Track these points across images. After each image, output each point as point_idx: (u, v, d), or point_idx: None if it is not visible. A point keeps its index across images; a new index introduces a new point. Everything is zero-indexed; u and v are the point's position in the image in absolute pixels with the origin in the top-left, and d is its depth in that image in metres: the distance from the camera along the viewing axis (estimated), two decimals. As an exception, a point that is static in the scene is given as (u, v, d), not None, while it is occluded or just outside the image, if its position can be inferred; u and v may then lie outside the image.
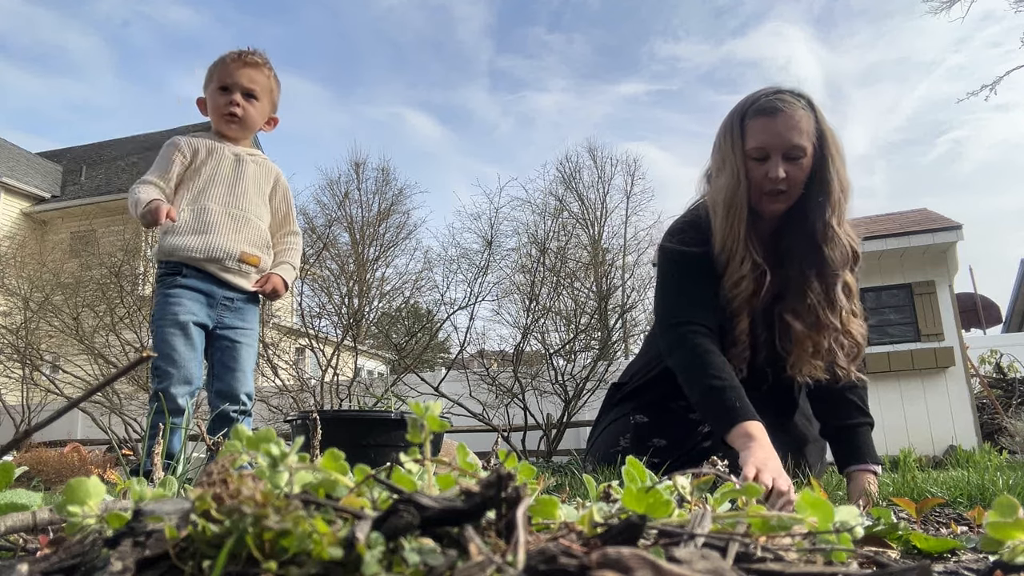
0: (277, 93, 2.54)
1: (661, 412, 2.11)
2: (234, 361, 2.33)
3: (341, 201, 17.30)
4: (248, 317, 2.40)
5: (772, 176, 1.86)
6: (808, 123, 1.88)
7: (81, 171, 19.02)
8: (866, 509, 1.22)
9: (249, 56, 2.43)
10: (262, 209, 2.46)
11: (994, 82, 13.89)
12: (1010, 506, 0.64)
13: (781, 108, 1.87)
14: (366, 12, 38.50)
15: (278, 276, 2.43)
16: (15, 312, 7.71)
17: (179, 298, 2.25)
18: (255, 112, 2.45)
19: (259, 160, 2.51)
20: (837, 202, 1.89)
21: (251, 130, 2.48)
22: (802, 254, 1.93)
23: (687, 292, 1.97)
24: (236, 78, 2.39)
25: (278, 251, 2.53)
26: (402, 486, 0.58)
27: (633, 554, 0.43)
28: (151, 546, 0.48)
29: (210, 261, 2.29)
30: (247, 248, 2.36)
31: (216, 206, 2.34)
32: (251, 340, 2.41)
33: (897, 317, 7.46)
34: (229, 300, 2.35)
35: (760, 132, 1.88)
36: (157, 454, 1.16)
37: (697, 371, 1.81)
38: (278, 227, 2.56)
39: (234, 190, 2.39)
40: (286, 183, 2.60)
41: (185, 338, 2.22)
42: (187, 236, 2.28)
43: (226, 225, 2.33)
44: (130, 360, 6.45)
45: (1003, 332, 13.44)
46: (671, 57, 36.01)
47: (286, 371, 6.84)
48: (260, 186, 2.47)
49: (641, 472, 0.79)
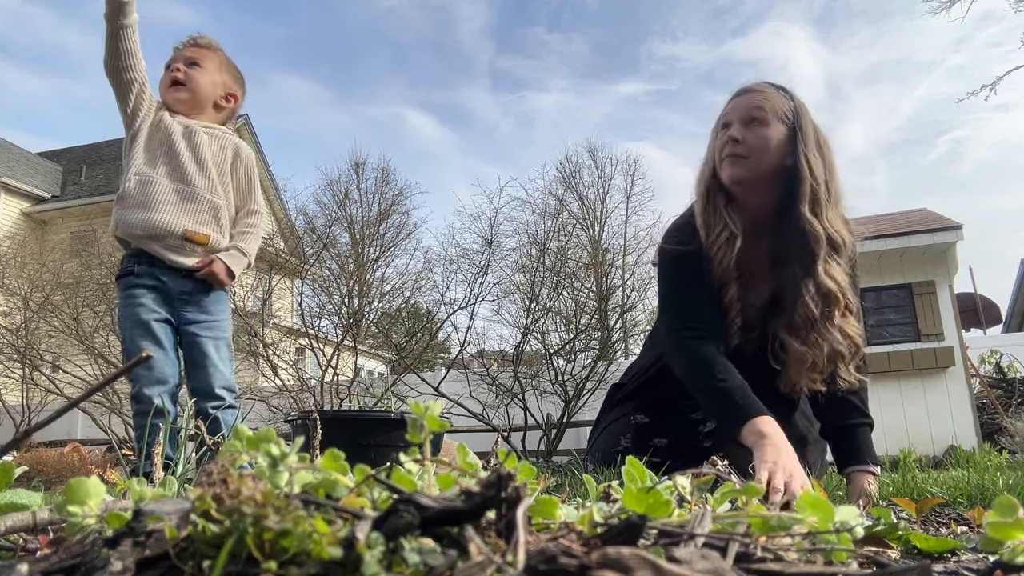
0: (231, 71, 2.46)
1: (662, 412, 2.11)
2: (202, 357, 2.24)
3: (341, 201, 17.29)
4: (211, 307, 2.29)
5: (727, 137, 1.91)
6: (777, 101, 1.93)
7: (81, 171, 19.03)
8: (866, 509, 1.22)
9: (193, 39, 2.42)
10: (217, 185, 2.32)
11: (994, 82, 13.88)
12: (1010, 506, 0.64)
13: (750, 88, 1.97)
14: (366, 12, 38.50)
15: (220, 262, 2.26)
16: (15, 312, 7.70)
17: (136, 298, 2.20)
18: (201, 78, 2.36)
19: (215, 132, 2.38)
20: (810, 190, 1.87)
21: (200, 98, 2.37)
22: (787, 246, 1.92)
23: (685, 292, 1.97)
24: (177, 55, 2.39)
25: (235, 233, 2.38)
26: (402, 486, 0.58)
27: (633, 554, 0.43)
28: (151, 546, 0.48)
29: (151, 239, 2.20)
30: (191, 226, 2.23)
31: (162, 179, 2.23)
32: (217, 331, 2.29)
33: (897, 317, 7.46)
34: (187, 294, 2.25)
35: (728, 109, 1.98)
36: (157, 454, 1.16)
37: (701, 375, 1.81)
38: (240, 204, 2.42)
39: (183, 164, 2.27)
40: (249, 157, 2.45)
41: (150, 338, 2.17)
42: (130, 210, 2.21)
43: (170, 201, 2.22)
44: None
45: (1003, 332, 13.44)
46: (670, 57, 36.02)
47: (286, 371, 6.84)
48: (216, 159, 2.34)
49: (641, 472, 0.79)
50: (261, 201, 2.51)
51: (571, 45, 36.81)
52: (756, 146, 1.90)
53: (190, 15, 37.12)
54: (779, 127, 1.91)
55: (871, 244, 7.34)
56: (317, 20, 38.95)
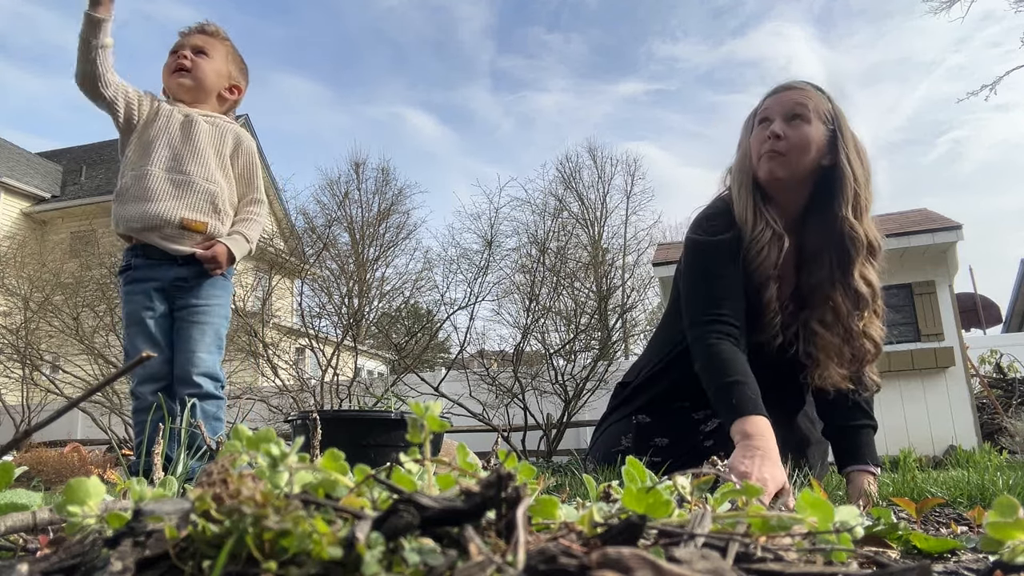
0: (237, 62, 2.44)
1: (664, 412, 2.11)
2: (185, 342, 2.20)
3: (341, 201, 17.29)
4: (204, 292, 2.25)
5: (769, 133, 1.89)
6: (818, 101, 1.91)
7: (81, 171, 19.02)
8: (866, 509, 1.22)
9: (201, 25, 2.38)
10: (215, 172, 2.30)
11: (994, 82, 13.88)
12: (1010, 506, 0.64)
13: (791, 86, 1.96)
14: (366, 12, 38.50)
15: (222, 245, 2.24)
16: (15, 312, 7.70)
17: (132, 294, 2.21)
18: (208, 66, 2.33)
19: (215, 120, 2.35)
20: (853, 194, 1.87)
21: (205, 87, 2.35)
22: (821, 246, 1.91)
23: (712, 282, 1.93)
24: (184, 40, 2.35)
25: (236, 220, 2.36)
26: (402, 486, 0.58)
27: (633, 554, 0.43)
28: (151, 546, 0.48)
29: (150, 230, 2.19)
30: (188, 214, 2.21)
31: (158, 170, 2.21)
32: (205, 317, 2.24)
33: (897, 317, 7.46)
34: (183, 280, 2.22)
35: (767, 104, 1.96)
36: (157, 454, 1.16)
37: (712, 371, 1.79)
38: (242, 193, 2.40)
39: (179, 153, 2.24)
40: (251, 145, 2.42)
41: (145, 334, 2.17)
42: (127, 204, 2.20)
43: (166, 191, 2.20)
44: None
45: (1003, 332, 13.43)
46: (670, 57, 36.04)
47: (286, 371, 6.84)
48: (216, 147, 2.32)
49: (641, 472, 0.79)
50: (263, 190, 2.48)
51: (570, 45, 36.82)
52: (798, 143, 1.88)
53: (190, 15, 37.09)
54: (820, 127, 1.89)
55: (871, 244, 7.34)
56: (317, 20, 38.96)
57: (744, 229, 1.92)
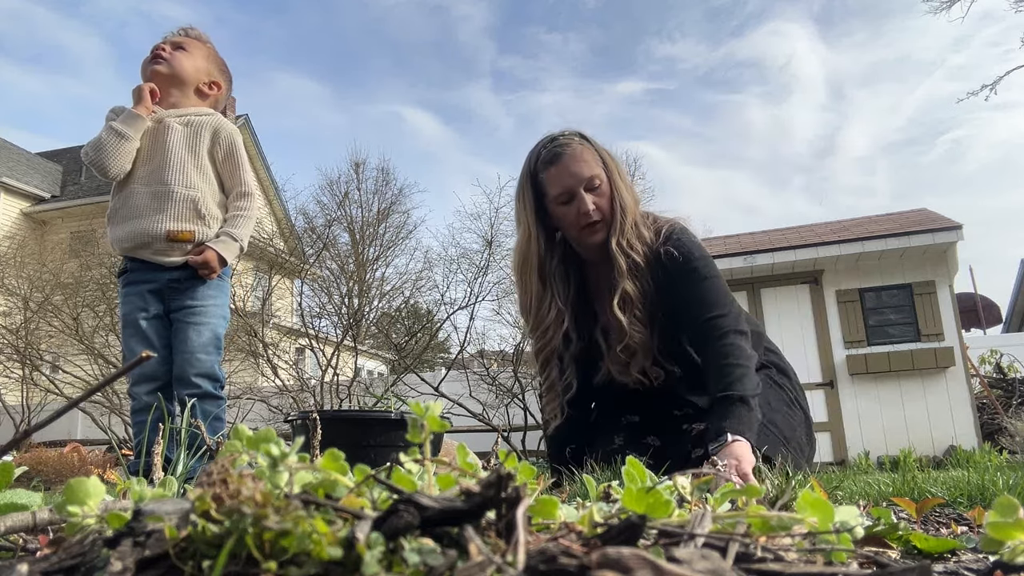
0: (217, 63, 2.45)
1: (649, 411, 2.15)
2: (182, 343, 2.21)
3: (341, 201, 17.27)
4: (198, 294, 2.25)
5: (583, 211, 2.00)
6: (590, 155, 2.04)
7: (81, 171, 19.02)
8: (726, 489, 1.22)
9: (184, 29, 2.43)
10: (193, 177, 2.26)
11: (994, 82, 13.88)
12: (1010, 506, 0.64)
13: (563, 151, 2.04)
14: (366, 11, 38.51)
15: (212, 250, 2.22)
16: (15, 312, 7.71)
17: (127, 296, 2.23)
18: (185, 59, 2.34)
19: (190, 119, 2.32)
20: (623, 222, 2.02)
21: (181, 77, 2.34)
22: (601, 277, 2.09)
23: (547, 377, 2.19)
24: (165, 39, 2.39)
25: (227, 218, 2.34)
26: (402, 486, 0.58)
27: (633, 554, 0.43)
28: (151, 546, 0.48)
29: (140, 247, 2.20)
30: (173, 226, 2.21)
31: (139, 187, 2.23)
32: (202, 318, 2.24)
33: (897, 317, 7.47)
34: (176, 282, 2.23)
35: (556, 179, 2.03)
36: (157, 454, 1.16)
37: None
38: (229, 188, 2.36)
39: (153, 163, 2.24)
40: (231, 134, 2.37)
41: (139, 336, 2.19)
42: (116, 226, 2.23)
43: (148, 206, 2.21)
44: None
45: (1003, 332, 13.44)
46: (669, 57, 36.04)
47: (286, 371, 6.84)
48: (192, 147, 2.29)
49: (641, 472, 0.79)
50: (251, 181, 2.44)
51: (570, 45, 36.85)
52: (605, 207, 2.03)
53: (189, 14, 37.12)
54: (603, 174, 2.03)
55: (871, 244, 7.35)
56: (317, 20, 38.97)
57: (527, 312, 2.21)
